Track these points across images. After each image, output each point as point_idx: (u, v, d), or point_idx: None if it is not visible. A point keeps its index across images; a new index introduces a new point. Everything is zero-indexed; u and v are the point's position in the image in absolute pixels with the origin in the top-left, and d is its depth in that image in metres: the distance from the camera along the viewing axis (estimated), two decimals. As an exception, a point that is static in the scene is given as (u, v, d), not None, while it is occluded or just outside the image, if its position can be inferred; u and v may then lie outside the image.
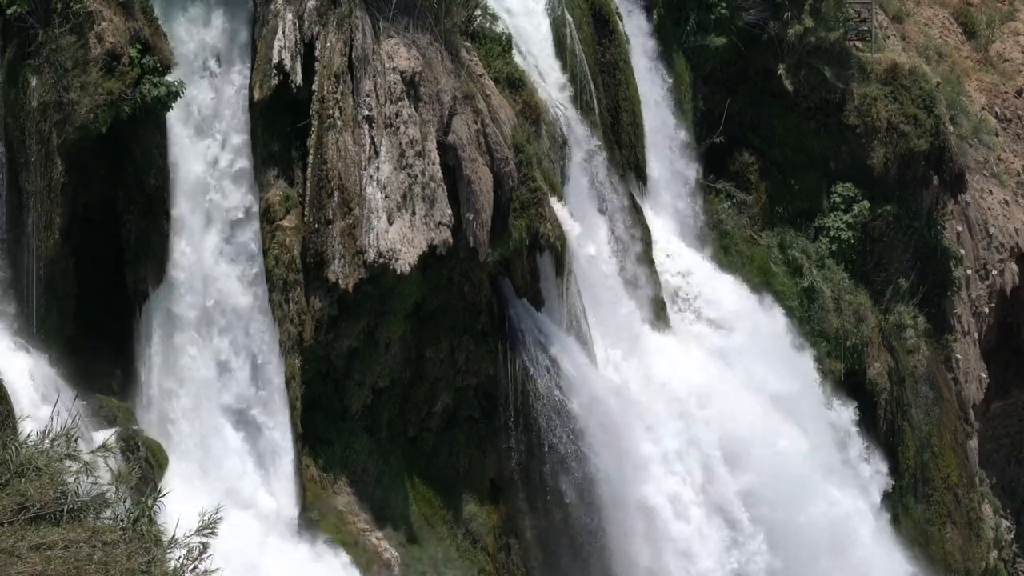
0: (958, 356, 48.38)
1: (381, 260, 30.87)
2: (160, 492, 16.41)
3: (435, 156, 31.98)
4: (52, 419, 16.84)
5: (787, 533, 38.71)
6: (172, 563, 14.72)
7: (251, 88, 30.44)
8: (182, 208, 29.32)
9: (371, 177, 31.14)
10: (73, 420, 17.07)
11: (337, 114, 30.94)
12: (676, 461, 36.76)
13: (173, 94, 28.09)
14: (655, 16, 42.04)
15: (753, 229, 44.15)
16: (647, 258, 38.70)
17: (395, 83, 31.65)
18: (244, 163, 30.45)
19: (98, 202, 28.59)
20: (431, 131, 32.11)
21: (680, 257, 40.81)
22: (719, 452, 37.86)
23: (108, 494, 15.48)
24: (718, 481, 37.65)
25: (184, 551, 14.79)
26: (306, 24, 30.95)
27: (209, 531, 14.90)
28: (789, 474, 39.23)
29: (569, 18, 38.23)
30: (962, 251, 48.82)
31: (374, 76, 31.45)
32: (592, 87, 38.47)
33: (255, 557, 28.57)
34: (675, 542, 36.13)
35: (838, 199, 45.03)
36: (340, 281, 30.75)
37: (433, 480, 33.81)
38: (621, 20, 40.43)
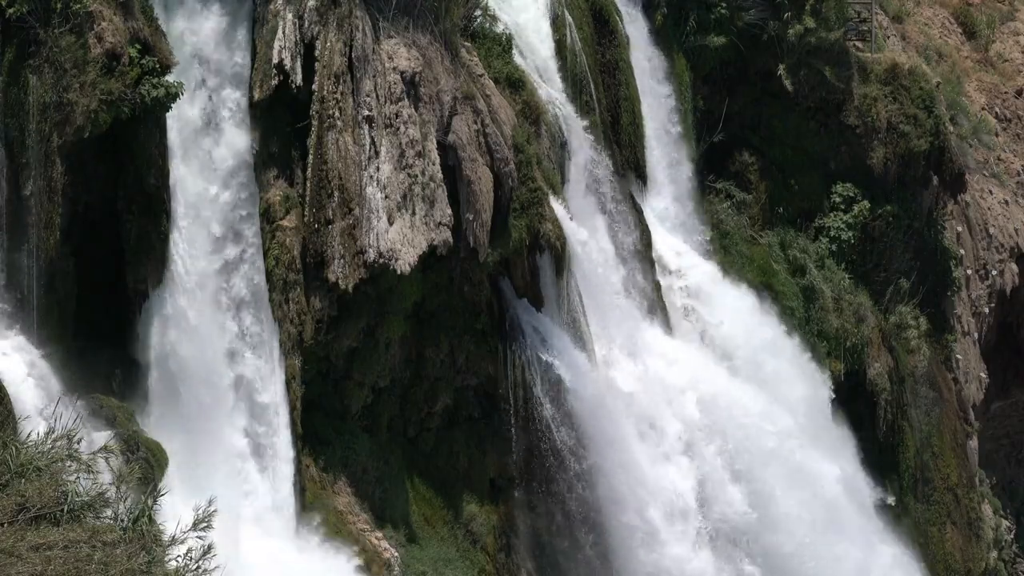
0: (958, 356, 48.38)
1: (381, 260, 30.86)
2: (160, 492, 16.41)
3: (435, 156, 31.98)
4: (53, 420, 16.83)
5: (790, 532, 38.69)
6: (172, 563, 14.73)
7: (251, 88, 30.44)
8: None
9: (371, 177, 31.14)
10: (74, 421, 17.07)
11: (337, 114, 30.93)
12: (675, 460, 36.76)
13: (172, 95, 28.08)
14: (655, 16, 42.04)
15: (753, 229, 44.15)
16: (647, 258, 38.69)
17: (395, 83, 31.64)
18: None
19: (98, 202, 28.58)
20: (431, 131, 32.11)
21: (680, 257, 40.81)
22: (719, 452, 37.87)
23: (108, 494, 15.48)
24: (717, 480, 37.64)
25: (184, 549, 14.79)
26: (306, 24, 30.95)
27: (205, 525, 14.91)
28: (791, 470, 39.22)
29: (569, 18, 38.22)
30: (962, 251, 48.82)
31: (374, 76, 31.45)
32: (592, 87, 38.47)
33: (254, 558, 28.55)
34: (674, 541, 36.12)
35: (838, 199, 45.03)
36: (340, 281, 30.74)
37: (433, 480, 33.81)
38: (621, 20, 40.42)
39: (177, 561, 14.65)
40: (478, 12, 34.94)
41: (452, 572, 33.06)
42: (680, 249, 41.07)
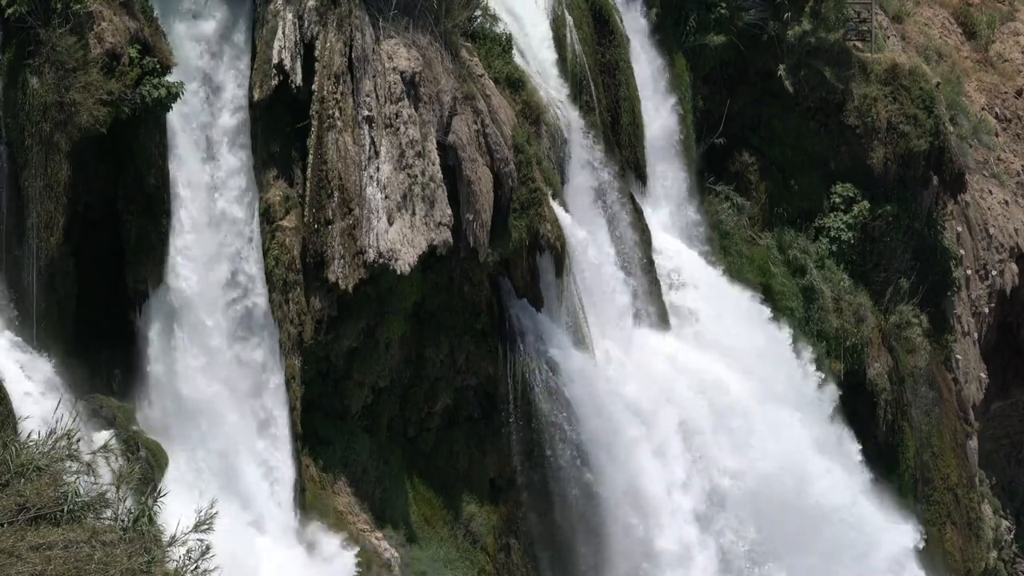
0: (958, 356, 48.39)
1: (381, 260, 30.87)
2: (160, 492, 16.43)
3: (435, 156, 31.99)
4: (54, 420, 16.83)
5: (788, 531, 38.72)
6: (172, 563, 14.73)
7: (251, 88, 30.45)
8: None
9: (371, 177, 31.14)
10: (73, 420, 17.07)
11: (337, 114, 30.94)
12: (675, 460, 36.76)
13: (173, 95, 28.10)
14: (655, 16, 42.04)
15: (753, 229, 44.15)
16: (647, 258, 38.70)
17: (395, 83, 31.65)
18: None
19: (98, 202, 28.60)
20: (431, 131, 32.12)
21: (680, 257, 40.81)
22: (719, 452, 37.87)
23: (108, 494, 15.49)
24: (717, 479, 37.65)
25: (184, 550, 14.80)
26: (306, 24, 30.95)
27: (206, 527, 14.93)
28: (792, 471, 39.23)
29: (569, 18, 38.23)
30: (962, 251, 48.82)
31: (374, 76, 31.46)
32: (592, 87, 38.47)
33: (254, 558, 28.56)
34: (673, 541, 36.13)
35: (838, 199, 45.03)
36: (340, 281, 30.75)
37: (433, 480, 33.82)
38: (621, 20, 40.43)
39: (177, 561, 14.66)
40: (478, 12, 34.94)
41: (452, 572, 33.07)
42: (680, 249, 41.06)
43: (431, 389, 33.94)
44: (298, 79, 30.66)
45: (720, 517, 37.39)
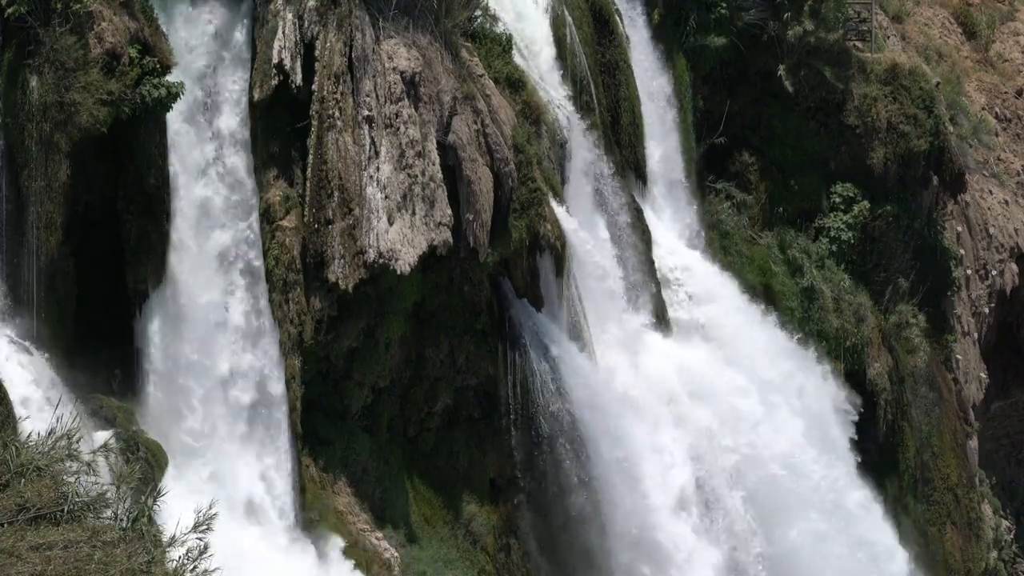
0: (958, 356, 48.39)
1: (381, 260, 30.87)
2: (160, 492, 16.43)
3: (435, 156, 31.99)
4: (54, 420, 16.83)
5: (785, 529, 38.73)
6: (171, 563, 14.73)
7: (251, 88, 30.45)
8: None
9: (371, 177, 31.15)
10: (73, 421, 17.07)
11: (337, 114, 30.94)
12: (674, 460, 36.76)
13: (173, 95, 28.10)
14: (655, 16, 42.05)
15: (753, 229, 44.16)
16: (647, 258, 38.70)
17: (395, 83, 31.65)
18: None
19: (98, 202, 28.60)
20: (431, 131, 32.12)
21: (680, 257, 40.82)
22: (718, 451, 37.87)
23: (108, 494, 15.49)
24: (717, 480, 37.65)
25: (183, 550, 14.80)
26: (306, 24, 30.96)
27: (205, 527, 14.93)
28: (789, 472, 39.24)
29: (569, 18, 38.23)
30: (962, 251, 48.84)
31: (374, 76, 31.46)
32: (592, 87, 38.48)
33: (254, 558, 28.56)
34: (673, 540, 36.13)
35: (838, 199, 45.05)
36: (340, 281, 30.75)
37: (433, 480, 33.82)
38: (621, 20, 40.45)
39: (176, 561, 14.66)
40: (478, 12, 34.94)
41: (452, 572, 33.07)
42: (680, 249, 41.08)
43: (431, 389, 33.95)
44: (298, 79, 30.66)
45: (721, 518, 37.39)
